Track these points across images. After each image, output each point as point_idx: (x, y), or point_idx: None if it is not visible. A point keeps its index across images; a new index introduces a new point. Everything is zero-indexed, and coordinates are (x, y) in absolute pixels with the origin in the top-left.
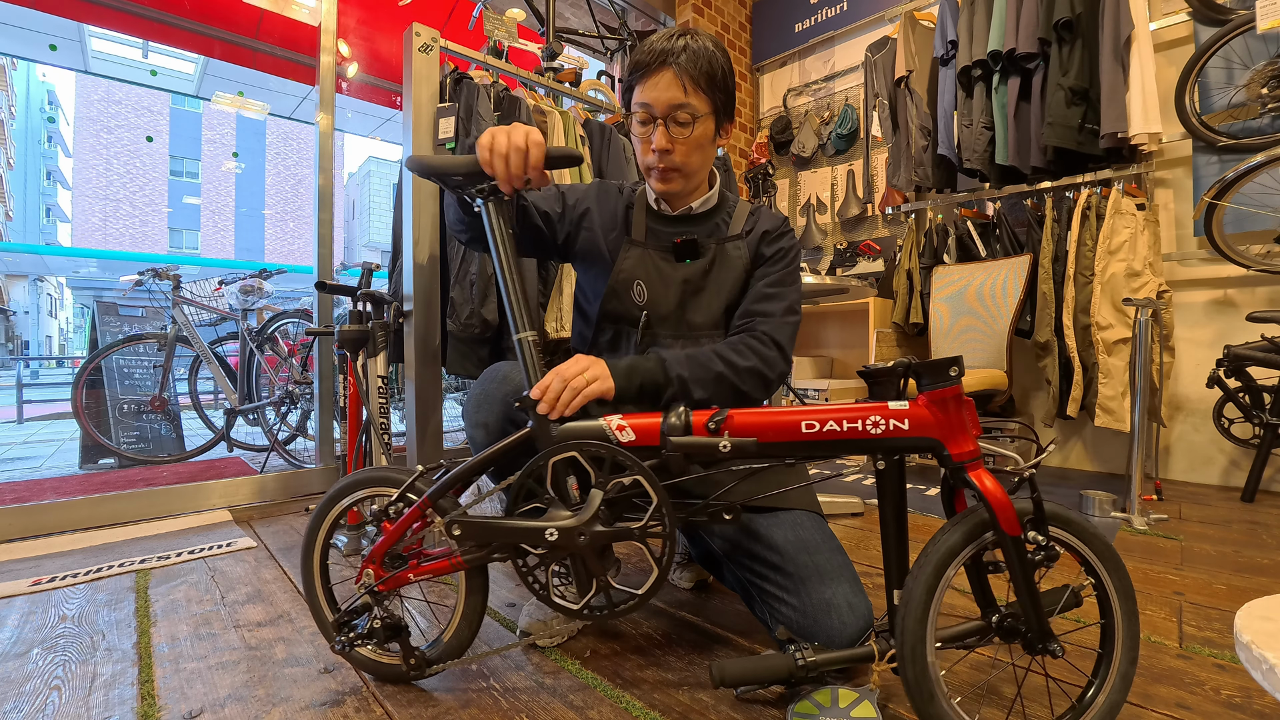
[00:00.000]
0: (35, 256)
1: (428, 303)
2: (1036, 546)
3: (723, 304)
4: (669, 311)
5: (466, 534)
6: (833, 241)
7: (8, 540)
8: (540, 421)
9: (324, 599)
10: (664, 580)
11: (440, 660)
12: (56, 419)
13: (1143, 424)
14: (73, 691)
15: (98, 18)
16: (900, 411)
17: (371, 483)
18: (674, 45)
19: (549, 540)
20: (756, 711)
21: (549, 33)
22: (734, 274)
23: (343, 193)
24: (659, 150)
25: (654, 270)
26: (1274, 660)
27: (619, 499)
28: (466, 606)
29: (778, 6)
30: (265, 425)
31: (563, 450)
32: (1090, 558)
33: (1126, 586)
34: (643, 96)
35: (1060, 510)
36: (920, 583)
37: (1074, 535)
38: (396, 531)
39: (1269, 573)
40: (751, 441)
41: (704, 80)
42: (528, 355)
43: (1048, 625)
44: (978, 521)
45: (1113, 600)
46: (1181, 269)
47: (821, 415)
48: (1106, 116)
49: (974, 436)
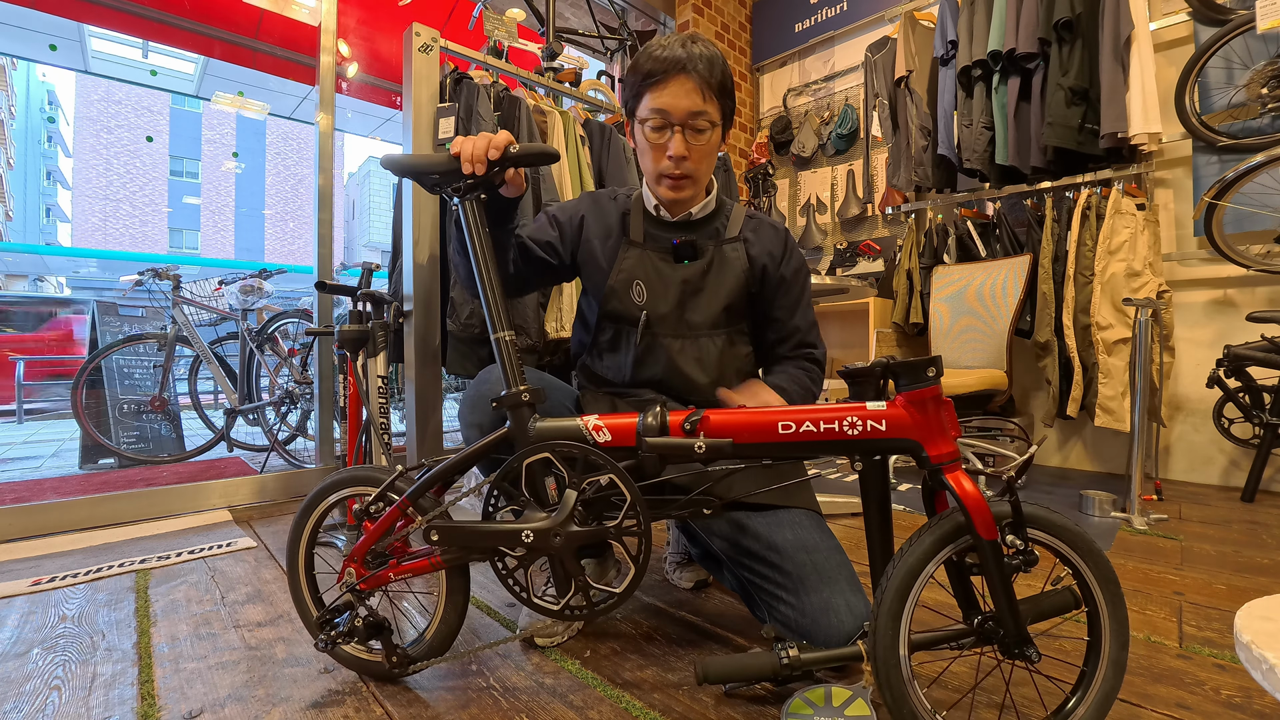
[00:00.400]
0: (35, 256)
1: (428, 303)
2: (1015, 550)
3: (721, 304)
4: (668, 311)
5: (444, 538)
6: (833, 241)
7: (8, 540)
8: (518, 421)
9: (309, 598)
10: (641, 577)
11: (424, 658)
12: (56, 419)
13: (1143, 424)
14: (73, 691)
15: (98, 18)
16: (878, 412)
17: (353, 482)
18: (690, 52)
19: (525, 542)
20: (757, 711)
21: (549, 33)
22: (733, 275)
23: (343, 193)
24: (676, 157)
25: (653, 271)
26: (1274, 660)
27: (596, 499)
28: (447, 606)
29: (778, 6)
30: (265, 425)
31: (536, 451)
32: (1064, 550)
33: (1106, 572)
34: (658, 103)
35: (1040, 512)
36: (892, 585)
37: (1052, 535)
38: (377, 531)
39: (1269, 573)
40: (727, 443)
41: (718, 88)
42: (505, 355)
43: (1025, 630)
44: (953, 525)
45: (1093, 586)
46: (1181, 269)
47: (798, 416)
48: (1106, 116)
49: (953, 438)
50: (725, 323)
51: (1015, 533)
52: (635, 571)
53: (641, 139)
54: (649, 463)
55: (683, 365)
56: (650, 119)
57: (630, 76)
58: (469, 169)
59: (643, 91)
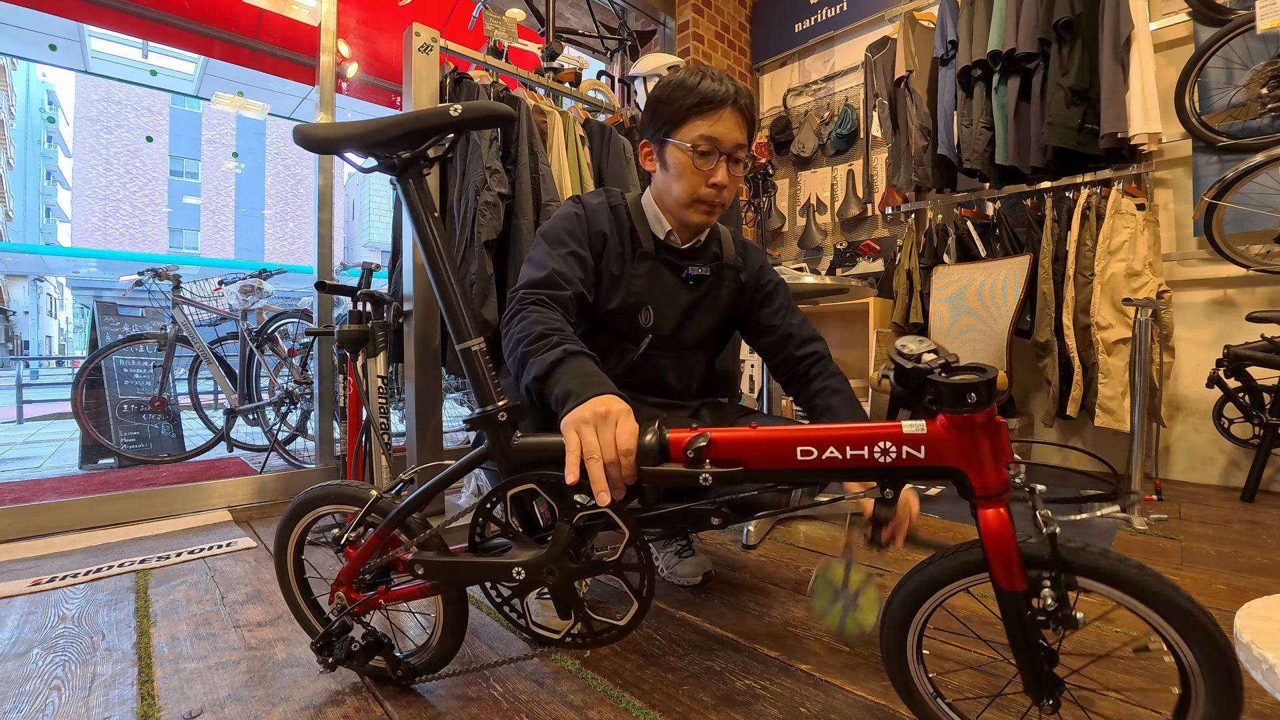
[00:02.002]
0: (35, 256)
1: (428, 303)
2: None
3: (714, 324)
4: (669, 332)
5: (430, 572)
6: (833, 241)
7: (8, 540)
8: (496, 440)
9: (307, 609)
10: (645, 612)
11: (428, 670)
12: (56, 419)
13: (1143, 424)
14: (73, 691)
15: (98, 18)
16: (915, 436)
17: (328, 499)
18: (739, 88)
19: (517, 579)
20: (757, 711)
21: (549, 33)
22: (726, 297)
23: (343, 193)
24: (719, 185)
25: (662, 294)
26: (1274, 660)
27: (590, 526)
28: (447, 616)
29: (778, 6)
30: (265, 425)
31: (521, 483)
32: (1159, 623)
33: (1219, 662)
34: (712, 131)
35: (1103, 560)
36: (897, 602)
37: (1128, 593)
38: (360, 558)
39: (1269, 573)
40: (738, 470)
41: (751, 125)
42: (478, 367)
43: (1048, 681)
44: (971, 560)
45: (1192, 677)
46: (1181, 269)
47: (820, 439)
48: (1106, 116)
49: (1004, 464)
50: (711, 339)
51: (1053, 587)
52: (638, 606)
53: (681, 162)
54: (650, 492)
55: (668, 378)
56: (699, 144)
57: (674, 96)
58: (607, 499)
59: (691, 116)
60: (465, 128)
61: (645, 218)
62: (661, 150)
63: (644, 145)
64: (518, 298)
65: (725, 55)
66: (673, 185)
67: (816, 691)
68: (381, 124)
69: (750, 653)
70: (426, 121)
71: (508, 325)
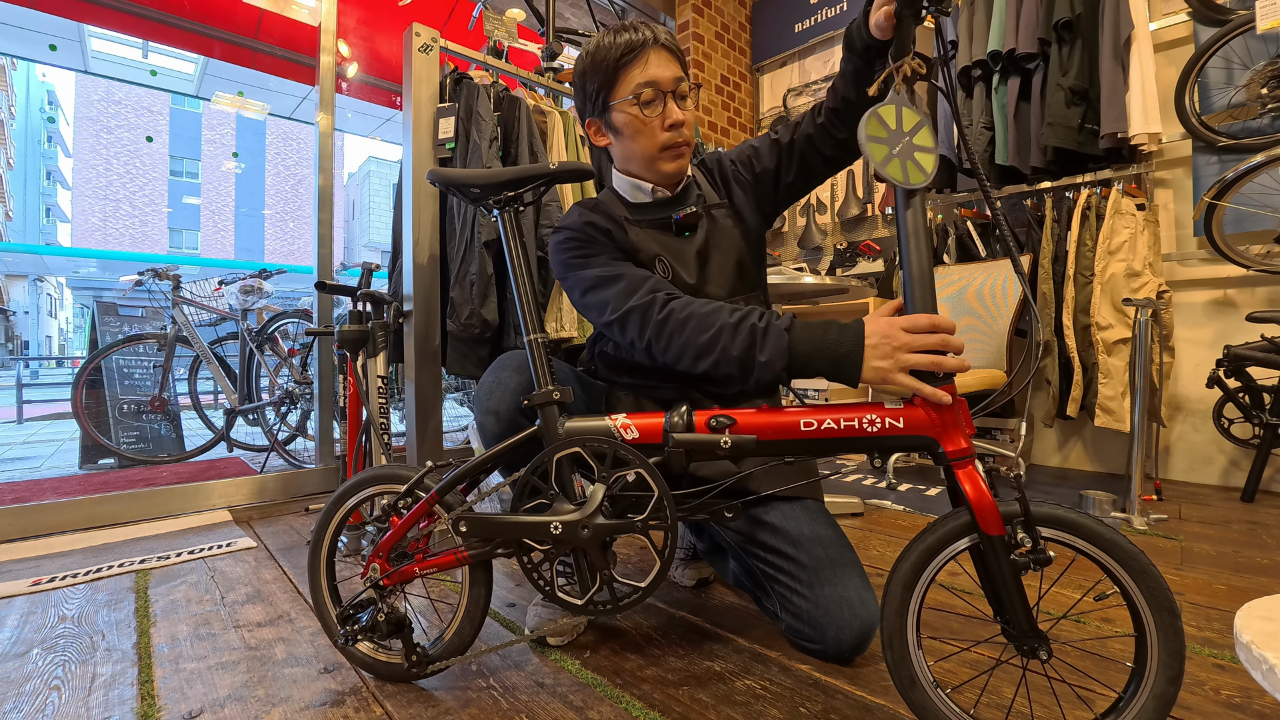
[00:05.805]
0: (35, 256)
1: (428, 303)
2: (1027, 549)
3: (733, 265)
4: (693, 284)
5: (472, 530)
6: (833, 241)
7: (8, 540)
8: (548, 420)
9: (329, 596)
10: (666, 572)
11: (443, 658)
12: (56, 419)
13: (1143, 424)
14: (72, 692)
15: (98, 18)
16: (896, 411)
17: (381, 480)
18: (652, 28)
19: (553, 534)
20: (757, 711)
21: (549, 33)
22: (732, 239)
23: (343, 193)
24: (677, 123)
25: (665, 246)
26: (1274, 660)
27: (621, 497)
28: (469, 602)
29: (778, 6)
30: (265, 425)
31: (568, 446)
32: (1110, 564)
33: (1161, 597)
34: (645, 76)
35: (1064, 513)
36: (898, 578)
37: (1084, 539)
38: (404, 526)
39: (1269, 573)
40: (751, 439)
41: (681, 57)
42: (537, 355)
43: (1037, 627)
44: (960, 523)
45: (1143, 611)
46: (1181, 269)
47: (819, 414)
48: (1106, 116)
49: (968, 435)
50: (740, 287)
51: (1026, 530)
52: (660, 565)
53: (631, 120)
54: (675, 459)
55: None
56: (640, 93)
57: (594, 68)
58: (968, 364)
59: (620, 72)
60: (557, 180)
61: (623, 197)
62: (607, 118)
63: (589, 125)
64: (629, 313)
65: (725, 55)
66: (632, 146)
67: (816, 691)
68: (498, 173)
69: (750, 653)
70: (529, 172)
71: (645, 341)
